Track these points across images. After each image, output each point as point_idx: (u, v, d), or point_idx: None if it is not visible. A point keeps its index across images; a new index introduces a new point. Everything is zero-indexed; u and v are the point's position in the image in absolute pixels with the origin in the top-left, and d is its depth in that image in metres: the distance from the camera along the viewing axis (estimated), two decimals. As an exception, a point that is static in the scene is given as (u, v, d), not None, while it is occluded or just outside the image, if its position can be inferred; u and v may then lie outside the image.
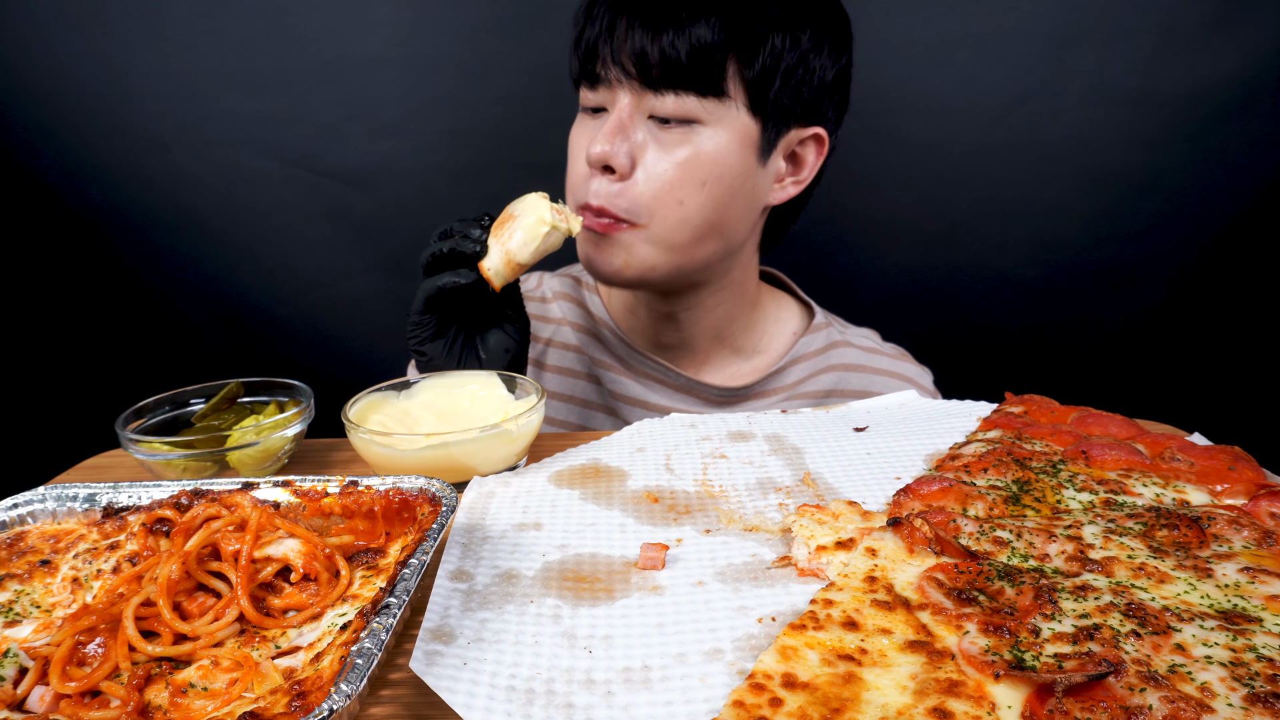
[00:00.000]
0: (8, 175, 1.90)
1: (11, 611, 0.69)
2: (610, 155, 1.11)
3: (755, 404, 1.34)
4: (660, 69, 1.07)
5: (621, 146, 1.11)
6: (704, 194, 1.13)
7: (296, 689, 0.57)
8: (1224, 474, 0.82)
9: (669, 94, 1.09)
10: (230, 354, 2.09)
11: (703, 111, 1.10)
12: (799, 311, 1.43)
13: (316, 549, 0.72)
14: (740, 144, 1.13)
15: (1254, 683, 0.54)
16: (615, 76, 1.11)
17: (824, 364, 1.36)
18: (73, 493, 0.81)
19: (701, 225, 1.15)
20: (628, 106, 1.11)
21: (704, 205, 1.14)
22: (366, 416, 0.97)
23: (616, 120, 1.11)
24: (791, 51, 1.11)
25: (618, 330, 1.37)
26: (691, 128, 1.11)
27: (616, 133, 1.11)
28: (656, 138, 1.12)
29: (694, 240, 1.17)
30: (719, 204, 1.15)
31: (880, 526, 0.75)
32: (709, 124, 1.11)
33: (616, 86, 1.12)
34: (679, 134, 1.11)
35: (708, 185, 1.12)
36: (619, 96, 1.12)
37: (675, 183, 1.11)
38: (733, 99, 1.10)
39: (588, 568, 0.74)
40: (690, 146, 1.11)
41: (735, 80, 1.10)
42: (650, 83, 1.09)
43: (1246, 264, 1.88)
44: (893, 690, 0.55)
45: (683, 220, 1.14)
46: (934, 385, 1.40)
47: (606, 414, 1.38)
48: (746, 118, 1.12)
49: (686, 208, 1.13)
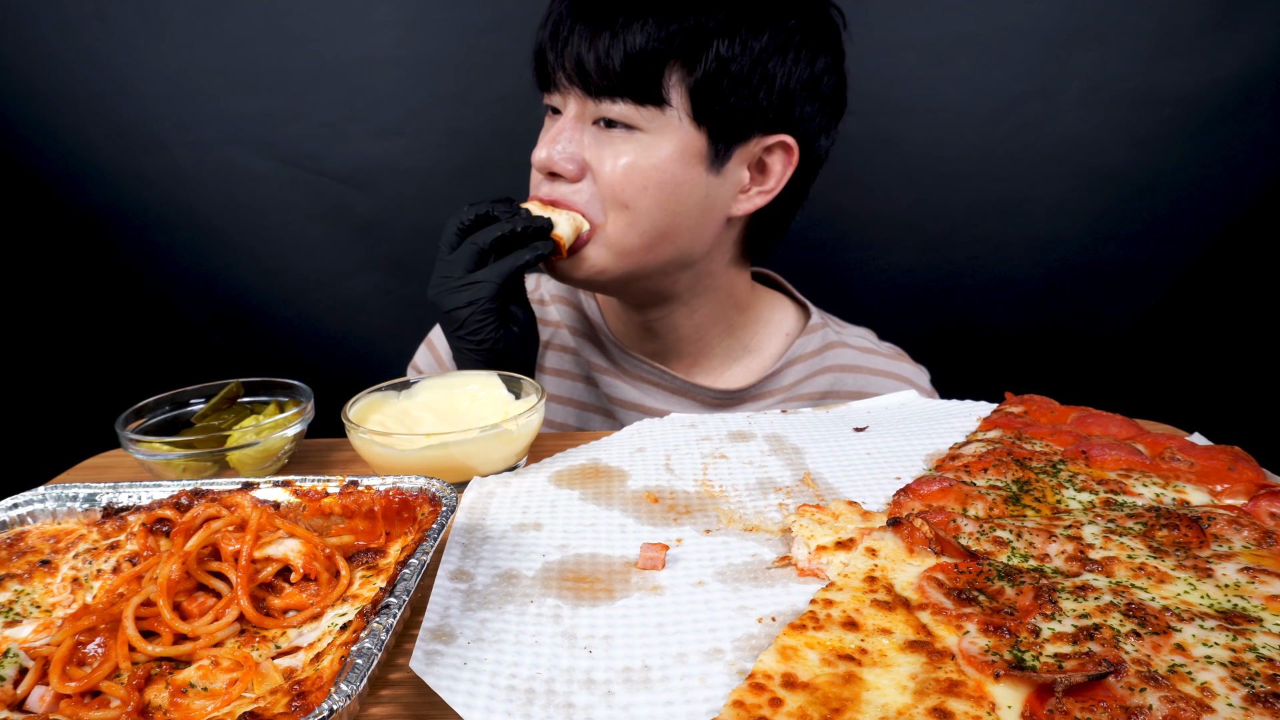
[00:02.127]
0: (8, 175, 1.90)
1: (11, 611, 0.69)
2: (552, 161, 1.10)
3: (752, 406, 1.33)
4: (597, 76, 1.05)
5: (565, 151, 1.10)
6: (648, 199, 1.10)
7: (296, 689, 0.57)
8: (1224, 474, 0.82)
9: (607, 101, 1.07)
10: (230, 354, 2.09)
11: (641, 119, 1.07)
12: (795, 312, 1.41)
13: (316, 549, 0.72)
14: (682, 154, 1.09)
15: (1254, 683, 0.54)
16: (561, 81, 1.10)
17: (820, 365, 1.35)
18: (73, 493, 0.81)
19: (650, 231, 1.13)
20: (574, 112, 1.11)
21: (650, 210, 1.11)
22: (366, 416, 0.97)
23: (560, 126, 1.11)
24: (742, 58, 1.05)
25: (610, 334, 1.36)
26: (632, 133, 1.09)
27: (560, 139, 1.10)
28: (601, 141, 1.10)
29: (644, 246, 1.14)
30: (665, 211, 1.11)
31: (880, 526, 0.75)
32: (649, 132, 1.08)
33: (565, 91, 1.11)
34: (620, 138, 1.09)
35: (649, 190, 1.10)
36: (569, 101, 1.11)
37: (618, 186, 1.10)
38: (675, 107, 1.07)
39: (588, 568, 0.74)
40: (630, 154, 1.09)
41: (678, 88, 1.06)
42: (590, 89, 1.07)
43: (1246, 264, 1.88)
44: (893, 690, 0.55)
45: (630, 224, 1.12)
46: (930, 384, 1.39)
47: (603, 416, 1.37)
48: (689, 127, 1.08)
49: (632, 211, 1.11)
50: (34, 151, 1.89)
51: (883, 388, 1.32)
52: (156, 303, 2.05)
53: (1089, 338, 1.99)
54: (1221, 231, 1.87)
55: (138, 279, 2.02)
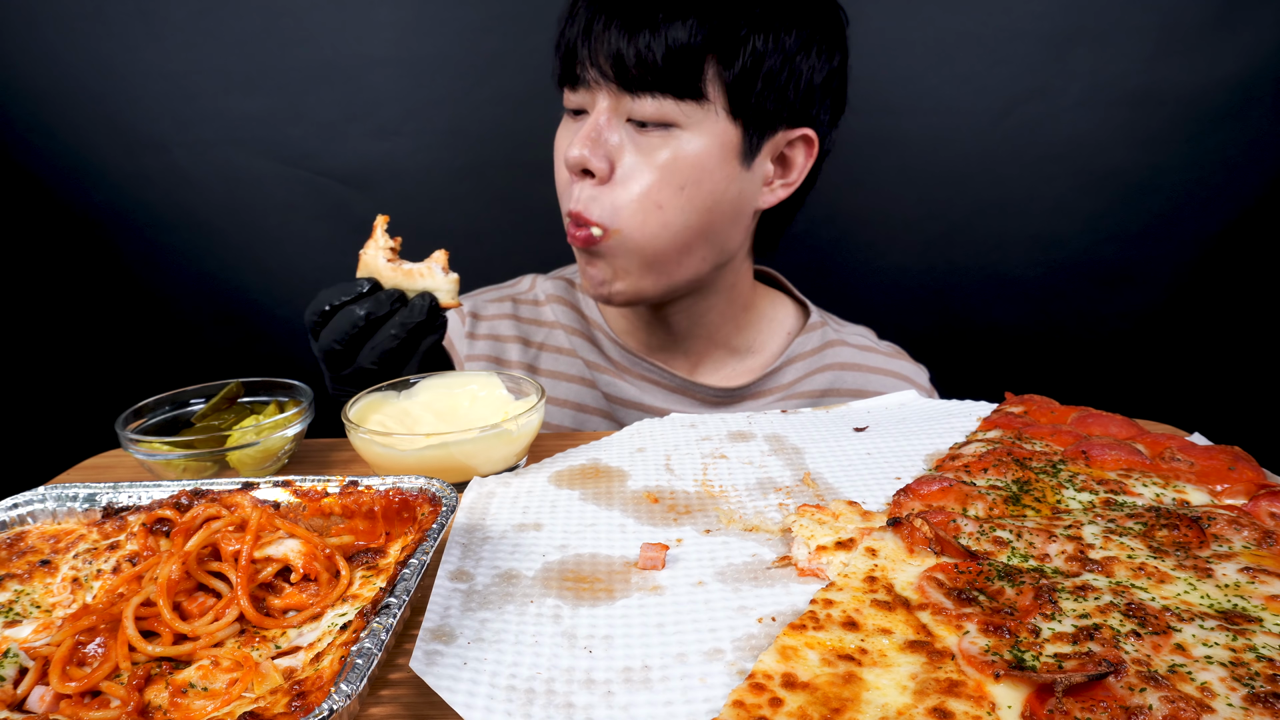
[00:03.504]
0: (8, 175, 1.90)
1: (11, 611, 0.69)
2: (586, 159, 1.09)
3: (752, 404, 1.34)
4: (636, 71, 1.05)
5: (599, 150, 1.09)
6: (683, 198, 1.10)
7: (296, 689, 0.57)
8: (1224, 474, 0.82)
9: (646, 97, 1.07)
10: (230, 354, 2.09)
11: (680, 115, 1.08)
12: (794, 311, 1.42)
13: (316, 549, 0.72)
14: (720, 148, 1.10)
15: (1254, 683, 0.54)
16: (593, 78, 1.09)
17: (820, 363, 1.35)
18: (73, 493, 0.81)
19: (683, 231, 1.13)
20: (606, 109, 1.10)
21: (684, 209, 1.11)
22: (366, 416, 0.97)
23: (593, 123, 1.10)
24: (775, 53, 1.08)
25: (611, 333, 1.36)
26: (670, 131, 1.09)
27: (593, 136, 1.09)
28: (634, 141, 1.10)
29: (678, 249, 1.14)
30: (700, 209, 1.12)
31: (880, 526, 0.75)
32: (687, 128, 1.08)
33: (595, 88, 1.10)
34: (657, 138, 1.09)
35: (686, 189, 1.10)
36: (598, 99, 1.10)
37: (653, 187, 1.09)
38: (712, 102, 1.08)
39: (588, 568, 0.74)
40: (668, 150, 1.09)
41: (715, 83, 1.07)
42: (627, 85, 1.07)
43: (1246, 264, 1.88)
44: (893, 690, 0.55)
45: (663, 225, 1.11)
46: (930, 383, 1.40)
47: (602, 417, 1.37)
48: (726, 121, 1.09)
49: (666, 212, 1.11)
50: (34, 151, 1.89)
51: (882, 386, 1.33)
52: (156, 303, 2.05)
53: (1089, 338, 1.99)
54: (1221, 232, 1.87)
55: (138, 279, 2.02)
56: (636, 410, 1.34)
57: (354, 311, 0.98)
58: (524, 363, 1.40)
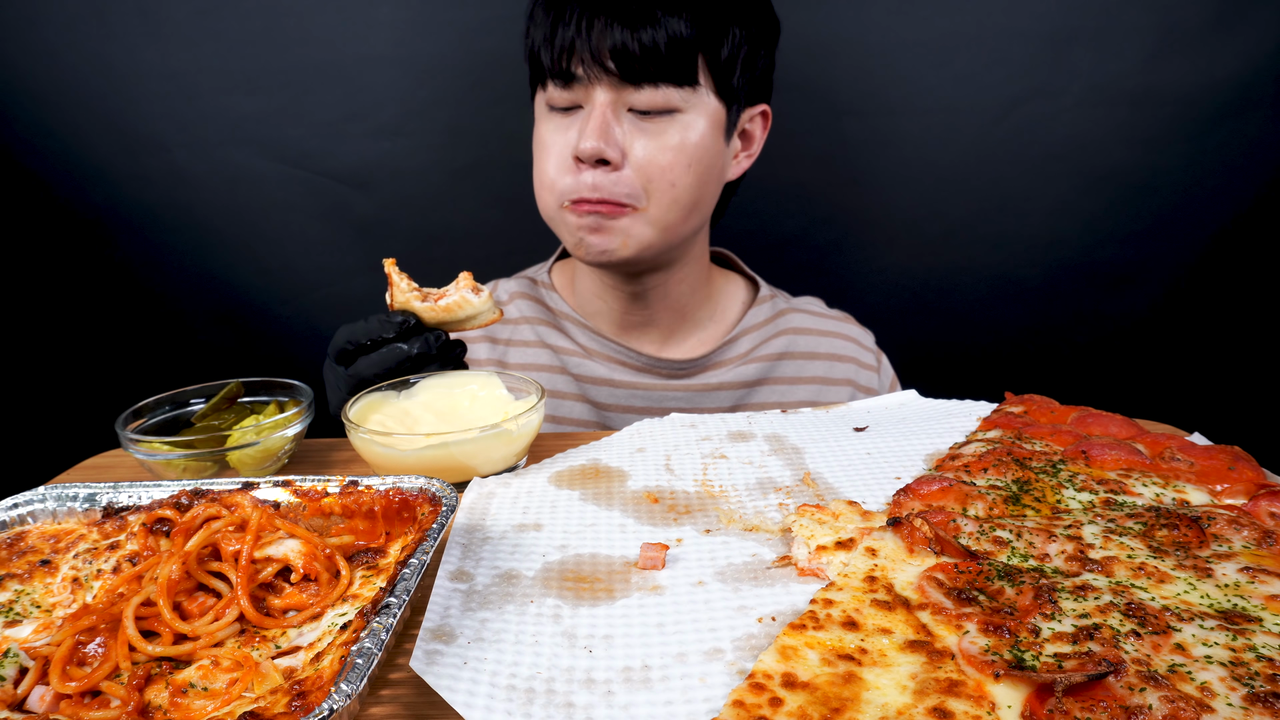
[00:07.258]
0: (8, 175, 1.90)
1: (11, 611, 0.69)
2: (602, 149, 1.17)
3: (710, 375, 1.41)
4: (641, 63, 1.14)
5: (610, 139, 1.17)
6: (690, 175, 1.22)
7: (296, 689, 0.57)
8: (1224, 474, 0.82)
9: (647, 87, 1.16)
10: (230, 354, 2.09)
11: (680, 101, 1.19)
12: (745, 286, 1.54)
13: (316, 549, 0.72)
14: (713, 127, 1.23)
15: (1254, 682, 0.54)
16: (593, 74, 1.16)
17: (773, 330, 1.46)
18: (73, 493, 0.81)
19: (688, 204, 1.25)
20: (607, 101, 1.18)
21: (691, 186, 1.23)
22: (366, 416, 0.97)
23: (601, 115, 1.17)
24: (751, 41, 1.23)
25: (580, 318, 1.44)
26: (673, 116, 1.19)
27: (603, 126, 1.17)
28: (641, 128, 1.19)
29: (682, 218, 1.26)
30: (700, 183, 1.24)
31: (880, 526, 0.75)
32: (687, 111, 1.20)
33: (593, 83, 1.17)
34: (663, 123, 1.19)
35: (693, 167, 1.22)
36: (595, 93, 1.18)
37: (668, 167, 1.20)
38: (704, 86, 1.20)
39: (588, 568, 0.74)
40: (676, 134, 1.19)
41: (704, 70, 1.19)
42: (630, 77, 1.15)
43: (1246, 264, 1.88)
44: (893, 690, 0.55)
45: (674, 201, 1.23)
46: (876, 344, 1.52)
47: (576, 400, 1.42)
48: (715, 102, 1.22)
49: (678, 189, 1.22)
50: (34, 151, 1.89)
51: (833, 348, 1.46)
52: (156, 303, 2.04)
53: (1089, 338, 1.99)
54: (1221, 232, 1.86)
55: (138, 279, 2.02)
56: (606, 386, 1.41)
57: (401, 349, 1.04)
58: (493, 359, 1.46)
